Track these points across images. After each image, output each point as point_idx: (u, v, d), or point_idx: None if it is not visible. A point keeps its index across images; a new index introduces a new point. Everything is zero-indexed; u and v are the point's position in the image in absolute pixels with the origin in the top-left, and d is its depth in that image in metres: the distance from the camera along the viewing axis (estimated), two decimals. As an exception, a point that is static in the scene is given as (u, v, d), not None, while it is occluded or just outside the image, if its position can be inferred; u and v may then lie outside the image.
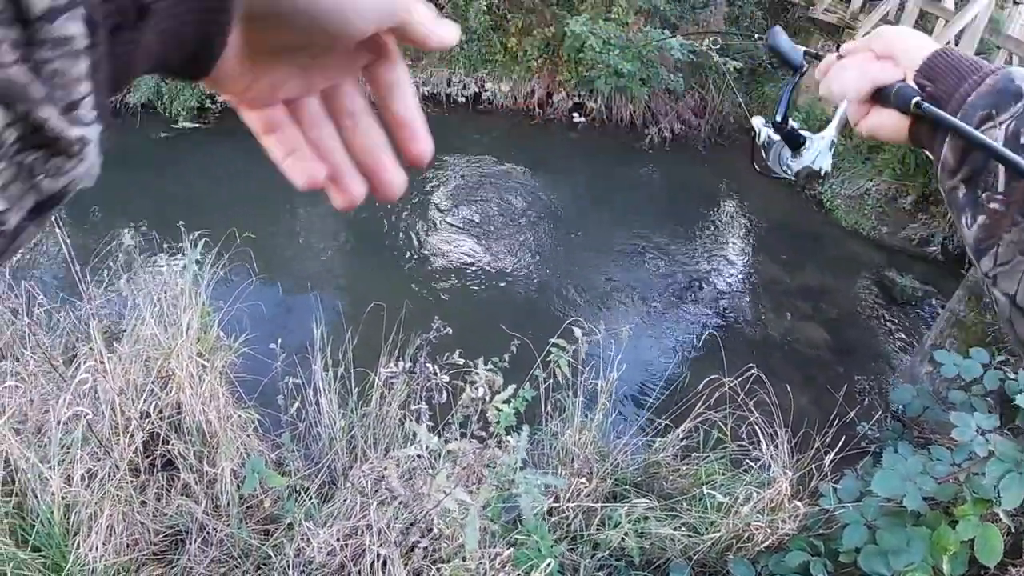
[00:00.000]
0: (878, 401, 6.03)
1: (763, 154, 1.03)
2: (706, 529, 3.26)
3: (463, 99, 11.30)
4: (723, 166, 10.86)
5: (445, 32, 0.45)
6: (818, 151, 0.98)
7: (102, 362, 3.29)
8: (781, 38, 1.00)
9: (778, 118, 0.99)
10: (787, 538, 3.17)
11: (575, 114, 11.43)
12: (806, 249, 9.13)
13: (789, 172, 1.01)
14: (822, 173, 1.00)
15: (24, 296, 3.77)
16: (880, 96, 0.75)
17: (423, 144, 0.49)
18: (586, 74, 10.65)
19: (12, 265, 6.05)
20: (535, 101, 11.35)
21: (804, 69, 1.00)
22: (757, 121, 1.03)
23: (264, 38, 0.38)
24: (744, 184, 10.50)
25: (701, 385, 3.72)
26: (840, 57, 0.83)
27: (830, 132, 0.97)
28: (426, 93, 11.01)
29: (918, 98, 0.69)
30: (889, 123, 0.75)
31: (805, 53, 1.00)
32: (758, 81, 11.68)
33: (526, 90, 11.33)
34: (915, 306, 8.11)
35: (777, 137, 1.00)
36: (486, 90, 11.35)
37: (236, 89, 0.41)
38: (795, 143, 0.99)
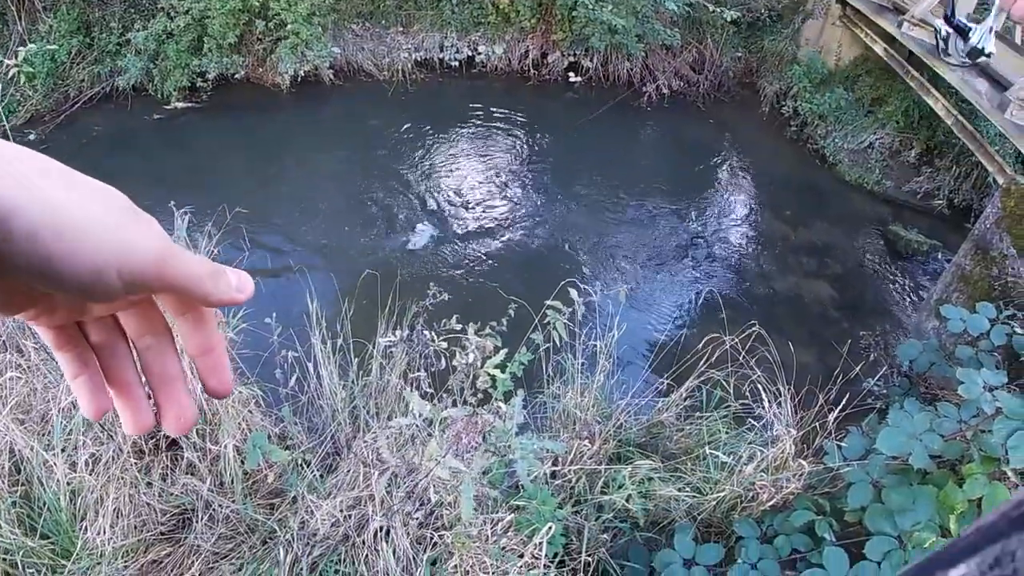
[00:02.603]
0: (884, 357, 5.99)
1: (944, 46, 1.34)
2: (710, 489, 3.25)
3: (456, 63, 11.11)
4: (724, 121, 10.71)
5: (228, 288, 0.44)
6: (981, 34, 1.29)
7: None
8: None
9: (948, 13, 1.34)
10: (792, 497, 3.16)
11: (571, 74, 11.24)
12: (810, 204, 9.04)
13: (963, 55, 1.31)
14: (986, 53, 1.28)
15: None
16: None
17: (222, 377, 0.48)
18: (580, 32, 10.46)
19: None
20: (530, 62, 11.16)
21: None
22: (938, 22, 1.39)
23: (17, 287, 0.37)
24: (746, 140, 10.36)
25: (702, 343, 3.69)
26: None
27: (989, 20, 1.27)
28: (419, 59, 10.83)
29: None
30: None
31: None
32: (757, 34, 11.46)
33: (520, 51, 11.12)
34: (921, 261, 8.05)
35: (950, 30, 1.31)
36: (479, 53, 11.16)
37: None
38: (963, 32, 1.30)
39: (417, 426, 2.47)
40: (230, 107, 9.77)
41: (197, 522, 3.12)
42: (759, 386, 3.56)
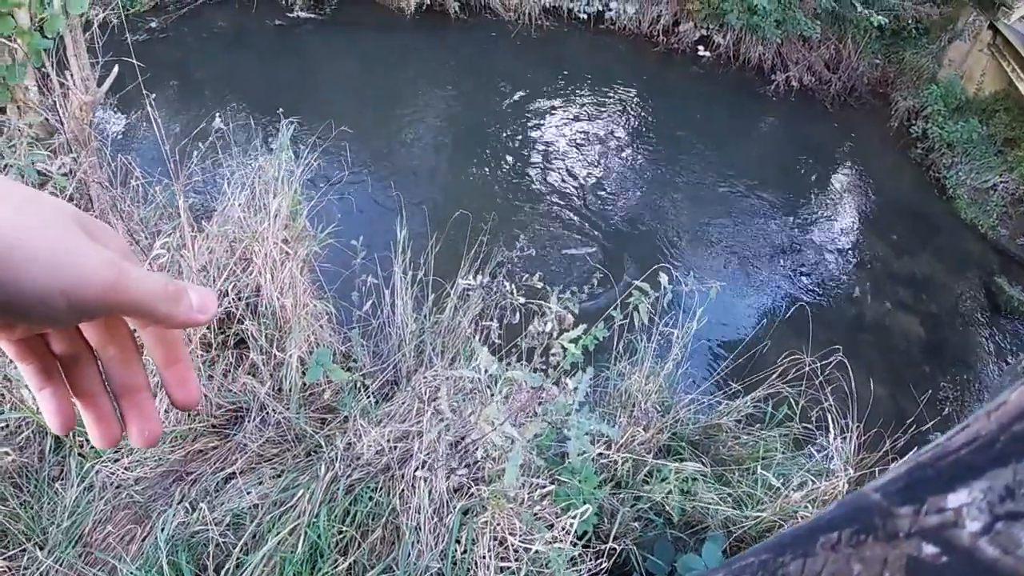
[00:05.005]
0: (958, 414, 5.68)
1: None
2: (752, 505, 3.16)
3: (585, 16, 10.87)
4: (849, 128, 10.19)
5: (187, 310, 0.42)
6: None
7: (185, 239, 3.38)
8: None
9: None
10: (833, 536, 3.03)
11: (700, 47, 10.85)
12: (918, 234, 8.56)
13: None
14: None
15: (120, 169, 3.88)
16: None
17: (189, 388, 0.48)
18: (719, 6, 10.05)
19: (115, 138, 6.27)
20: (660, 27, 10.81)
21: None
22: None
23: None
24: (867, 152, 9.84)
25: (780, 357, 3.56)
26: None
27: None
28: (547, 5, 10.62)
29: None
30: None
31: None
32: (900, 44, 10.76)
33: (652, 14, 10.78)
34: (1019, 321, 7.54)
35: None
36: (610, 9, 10.88)
37: None
38: None
39: (479, 380, 2.47)
40: (351, 24, 9.83)
41: (249, 422, 3.23)
42: (828, 415, 3.42)
